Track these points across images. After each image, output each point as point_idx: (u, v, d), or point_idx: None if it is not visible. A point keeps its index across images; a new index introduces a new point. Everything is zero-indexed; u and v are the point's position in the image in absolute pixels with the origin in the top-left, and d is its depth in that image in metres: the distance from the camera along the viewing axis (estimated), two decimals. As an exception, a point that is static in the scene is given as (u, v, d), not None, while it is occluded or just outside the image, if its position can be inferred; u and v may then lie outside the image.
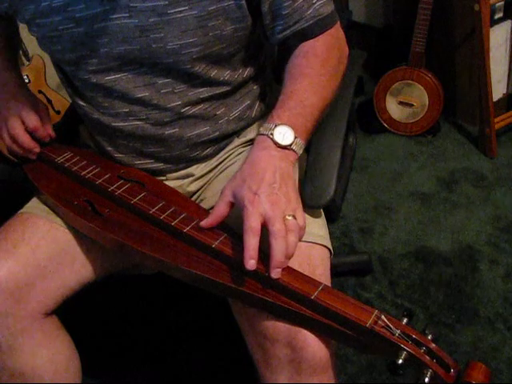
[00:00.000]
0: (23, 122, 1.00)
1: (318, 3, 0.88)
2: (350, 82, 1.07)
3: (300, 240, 0.75)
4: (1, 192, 1.82)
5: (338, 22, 0.93)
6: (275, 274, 0.72)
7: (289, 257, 0.73)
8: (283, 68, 0.93)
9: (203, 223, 0.80)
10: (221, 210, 0.78)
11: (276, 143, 0.79)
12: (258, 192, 0.73)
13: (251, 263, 0.70)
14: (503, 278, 1.52)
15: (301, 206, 0.76)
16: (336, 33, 0.92)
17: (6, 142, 1.02)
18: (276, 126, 0.80)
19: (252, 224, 0.71)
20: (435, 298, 1.48)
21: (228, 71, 0.95)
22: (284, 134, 0.79)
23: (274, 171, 0.76)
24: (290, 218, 0.72)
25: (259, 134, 0.81)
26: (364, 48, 2.19)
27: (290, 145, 0.79)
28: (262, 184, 0.74)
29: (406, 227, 1.73)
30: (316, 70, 0.87)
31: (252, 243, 0.70)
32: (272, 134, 0.79)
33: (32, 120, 1.00)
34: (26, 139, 1.00)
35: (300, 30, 0.89)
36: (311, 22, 0.88)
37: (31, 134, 1.02)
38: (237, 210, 0.91)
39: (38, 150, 1.02)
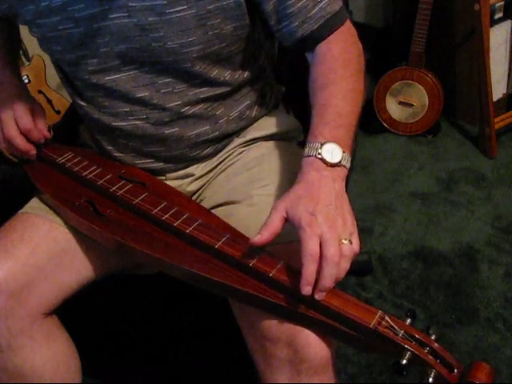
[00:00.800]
0: (17, 124, 0.99)
1: (324, 2, 0.86)
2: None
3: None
4: (1, 192, 1.82)
5: (348, 18, 0.90)
6: (319, 296, 0.69)
7: (338, 281, 0.70)
8: (283, 68, 0.92)
9: (256, 240, 0.72)
10: (275, 225, 0.72)
11: (326, 163, 0.75)
12: (315, 213, 0.70)
13: (309, 289, 0.69)
14: (503, 278, 1.52)
15: (356, 229, 0.73)
16: (348, 29, 0.90)
17: (0, 144, 1.01)
18: (321, 144, 0.76)
19: (311, 248, 0.68)
20: (435, 297, 1.48)
21: (228, 71, 0.95)
22: (332, 152, 0.76)
23: (329, 192, 0.73)
24: (346, 242, 0.70)
25: (306, 155, 0.77)
26: (364, 48, 2.17)
27: (340, 161, 0.76)
28: (319, 205, 0.71)
29: (405, 227, 1.73)
30: (339, 73, 0.85)
31: (311, 269, 0.68)
32: (320, 154, 0.75)
33: (25, 122, 0.99)
34: (20, 141, 0.99)
35: (310, 32, 0.87)
36: (320, 22, 0.86)
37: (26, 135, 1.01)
38: (238, 209, 0.91)
39: (33, 152, 1.01)
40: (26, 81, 1.99)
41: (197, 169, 1.03)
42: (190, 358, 1.38)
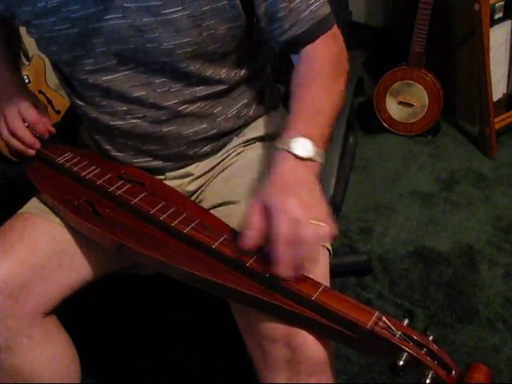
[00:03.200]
0: (23, 118, 1.01)
1: (314, 5, 0.88)
2: (350, 82, 1.07)
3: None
4: (1, 192, 1.82)
5: (335, 24, 0.92)
6: (295, 274, 0.72)
7: (314, 262, 0.73)
8: (283, 68, 0.92)
9: (245, 241, 0.73)
10: (256, 222, 0.73)
11: (297, 156, 0.77)
12: (286, 197, 0.71)
13: (287, 272, 0.70)
14: (503, 278, 1.52)
15: (328, 213, 0.74)
16: (334, 34, 0.92)
17: (5, 137, 1.02)
18: (294, 139, 0.77)
19: (283, 232, 0.69)
20: (435, 297, 1.48)
21: (224, 70, 0.95)
22: (303, 147, 0.77)
23: (299, 179, 0.75)
24: (322, 224, 0.71)
25: (277, 149, 0.79)
26: (364, 48, 2.18)
27: (312, 156, 0.77)
28: (289, 190, 0.73)
29: (406, 227, 1.73)
30: (321, 74, 0.87)
31: (287, 252, 0.69)
32: (290, 148, 0.77)
33: (31, 114, 1.01)
34: (25, 134, 1.01)
35: (300, 33, 0.88)
36: (309, 25, 0.88)
37: (31, 130, 1.02)
38: (238, 210, 0.91)
39: (38, 145, 1.03)
40: (26, 81, 1.99)
41: (196, 168, 1.03)
42: (188, 357, 1.38)
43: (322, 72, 0.87)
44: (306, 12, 0.87)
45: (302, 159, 0.77)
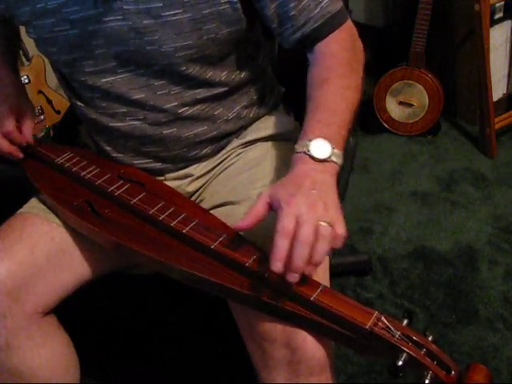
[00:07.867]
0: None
1: (324, 1, 0.86)
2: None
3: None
4: (1, 192, 1.81)
5: (349, 18, 0.91)
6: (290, 277, 0.68)
7: (315, 264, 0.69)
8: (283, 68, 0.92)
9: (239, 224, 0.73)
10: (258, 210, 0.73)
11: (314, 158, 0.76)
12: (296, 194, 0.71)
13: (278, 265, 0.67)
14: (503, 278, 1.52)
15: (341, 217, 0.72)
16: (348, 29, 0.90)
17: None
18: (310, 140, 0.77)
19: (285, 225, 0.68)
20: (435, 297, 1.48)
21: (224, 72, 0.95)
22: (320, 148, 0.76)
23: (313, 180, 0.73)
24: (324, 224, 0.69)
25: (296, 152, 0.78)
26: (364, 48, 2.17)
27: (329, 157, 0.76)
28: (301, 188, 0.72)
29: (406, 227, 1.73)
30: (336, 71, 0.86)
31: (283, 245, 0.67)
32: (308, 151, 0.76)
33: (5, 125, 1.00)
34: (2, 143, 1.01)
35: (310, 31, 0.87)
36: (321, 21, 0.86)
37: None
38: (238, 210, 0.91)
39: (17, 153, 1.03)
40: (26, 81, 1.98)
41: (196, 169, 1.03)
42: (188, 357, 1.38)
43: (335, 69, 0.86)
44: (317, 9, 0.86)
45: (320, 161, 0.76)
